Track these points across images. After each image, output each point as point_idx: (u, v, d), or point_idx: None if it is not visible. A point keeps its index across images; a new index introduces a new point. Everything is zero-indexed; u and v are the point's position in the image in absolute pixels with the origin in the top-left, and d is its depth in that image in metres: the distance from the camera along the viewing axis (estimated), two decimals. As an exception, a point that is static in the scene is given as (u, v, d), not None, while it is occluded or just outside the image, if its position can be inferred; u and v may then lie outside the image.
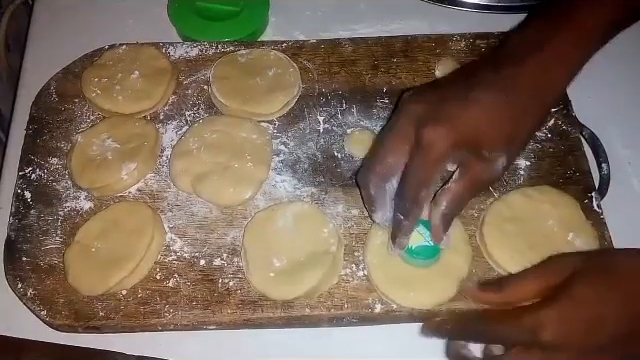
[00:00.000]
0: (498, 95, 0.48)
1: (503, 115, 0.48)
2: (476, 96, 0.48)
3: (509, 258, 0.56)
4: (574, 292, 0.44)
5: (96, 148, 0.63)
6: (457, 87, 0.49)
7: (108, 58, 0.69)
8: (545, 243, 0.57)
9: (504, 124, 0.48)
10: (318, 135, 0.66)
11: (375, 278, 0.56)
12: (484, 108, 0.48)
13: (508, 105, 0.48)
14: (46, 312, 0.56)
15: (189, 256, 0.59)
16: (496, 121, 0.48)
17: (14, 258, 0.58)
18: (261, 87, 0.66)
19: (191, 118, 0.67)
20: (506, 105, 0.48)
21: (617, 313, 0.43)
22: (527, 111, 0.49)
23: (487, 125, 0.48)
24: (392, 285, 0.56)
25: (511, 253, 0.56)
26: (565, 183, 0.62)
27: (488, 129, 0.48)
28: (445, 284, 0.56)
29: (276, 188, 0.63)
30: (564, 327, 0.43)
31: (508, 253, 0.57)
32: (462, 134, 0.47)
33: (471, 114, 0.48)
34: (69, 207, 0.61)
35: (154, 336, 0.57)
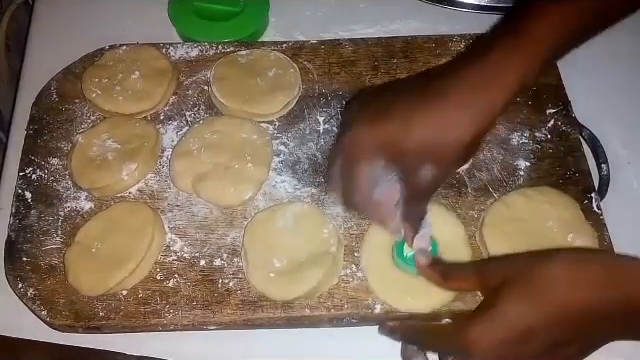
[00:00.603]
0: (423, 98, 0.47)
1: (425, 120, 0.47)
2: (400, 99, 0.48)
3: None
4: (500, 306, 0.44)
5: (96, 148, 0.63)
6: (387, 95, 0.50)
7: (108, 58, 0.69)
8: (545, 244, 0.57)
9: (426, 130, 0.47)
10: (318, 136, 0.66)
11: (373, 283, 0.56)
12: (405, 111, 0.47)
13: (431, 110, 0.47)
14: (46, 312, 0.56)
15: (189, 256, 0.59)
16: (416, 126, 0.47)
17: (14, 258, 0.58)
18: (261, 87, 0.67)
19: (191, 118, 0.67)
20: (429, 110, 0.47)
21: (541, 323, 0.43)
22: (455, 119, 0.47)
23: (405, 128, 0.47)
24: (390, 290, 0.56)
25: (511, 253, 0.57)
26: (565, 184, 0.62)
27: (407, 132, 0.47)
28: None
29: (276, 188, 0.63)
30: (493, 342, 0.44)
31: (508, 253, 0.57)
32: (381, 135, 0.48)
33: (390, 118, 0.48)
34: (69, 207, 0.61)
35: (154, 336, 0.57)
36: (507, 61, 0.48)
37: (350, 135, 0.50)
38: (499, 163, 0.64)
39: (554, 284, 0.43)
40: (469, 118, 0.47)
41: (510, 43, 0.48)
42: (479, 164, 0.63)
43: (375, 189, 0.51)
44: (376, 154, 0.49)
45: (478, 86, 0.47)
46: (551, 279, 0.43)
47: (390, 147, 0.48)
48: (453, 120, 0.47)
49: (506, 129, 0.65)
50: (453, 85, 0.48)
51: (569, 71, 0.69)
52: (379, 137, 0.49)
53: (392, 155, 0.49)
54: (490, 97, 0.47)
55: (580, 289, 0.43)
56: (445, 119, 0.47)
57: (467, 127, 0.47)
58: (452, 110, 0.47)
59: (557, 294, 0.43)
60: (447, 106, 0.47)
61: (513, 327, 0.44)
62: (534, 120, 0.66)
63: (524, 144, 0.65)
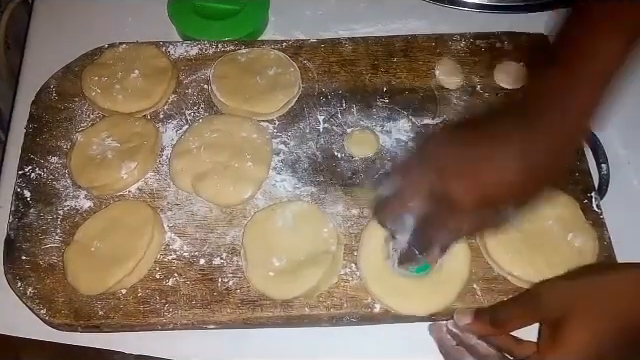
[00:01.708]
0: (521, 158, 0.47)
1: (526, 175, 0.47)
2: (504, 153, 0.47)
3: (508, 258, 0.57)
4: (568, 339, 0.45)
5: (96, 147, 0.63)
6: (483, 142, 0.48)
7: (108, 57, 0.69)
8: (545, 243, 0.57)
9: (527, 184, 0.47)
10: (318, 135, 0.66)
11: (372, 287, 0.56)
12: (510, 167, 0.47)
13: (531, 165, 0.47)
14: (46, 311, 0.56)
15: (189, 255, 0.59)
16: (520, 181, 0.47)
17: (14, 257, 0.58)
18: (261, 86, 0.66)
19: (191, 117, 0.67)
20: (530, 165, 0.47)
21: (611, 348, 0.45)
22: (548, 169, 0.48)
23: (511, 184, 0.47)
24: (390, 294, 0.56)
25: (511, 253, 0.57)
26: (565, 183, 0.62)
27: (511, 188, 0.47)
28: (445, 289, 0.56)
29: (276, 187, 0.63)
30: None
31: (508, 253, 0.57)
32: (486, 192, 0.47)
33: (497, 172, 0.47)
34: (69, 206, 0.61)
35: (153, 335, 0.57)
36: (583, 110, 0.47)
37: (455, 188, 0.46)
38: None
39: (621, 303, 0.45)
40: (560, 171, 0.50)
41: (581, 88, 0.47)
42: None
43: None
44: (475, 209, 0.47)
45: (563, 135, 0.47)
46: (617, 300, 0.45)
47: (489, 202, 0.47)
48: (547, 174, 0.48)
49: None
50: (538, 142, 0.47)
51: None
52: (481, 195, 0.47)
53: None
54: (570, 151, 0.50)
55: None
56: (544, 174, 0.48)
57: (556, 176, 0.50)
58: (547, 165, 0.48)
59: (620, 316, 0.45)
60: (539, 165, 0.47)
61: (582, 353, 0.45)
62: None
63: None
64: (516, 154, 0.46)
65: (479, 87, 0.68)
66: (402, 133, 0.66)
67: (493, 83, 0.68)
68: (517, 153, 0.46)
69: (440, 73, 0.69)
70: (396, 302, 0.56)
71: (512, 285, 0.57)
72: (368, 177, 0.63)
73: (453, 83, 0.68)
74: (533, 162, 0.46)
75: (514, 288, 0.57)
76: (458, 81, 0.69)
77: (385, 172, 0.61)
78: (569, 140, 0.48)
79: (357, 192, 0.62)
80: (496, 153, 0.47)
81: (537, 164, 0.46)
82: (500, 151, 0.47)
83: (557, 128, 0.47)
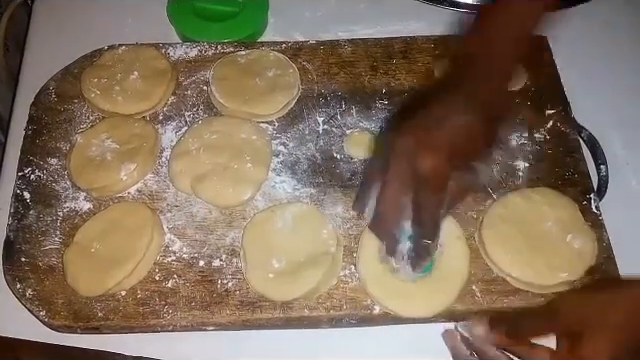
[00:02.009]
0: (468, 116, 0.50)
1: (475, 131, 0.50)
2: (451, 118, 0.50)
3: (508, 259, 0.57)
4: (586, 351, 0.47)
5: (95, 149, 0.63)
6: (431, 115, 0.50)
7: (107, 59, 0.69)
8: (544, 244, 0.57)
9: (478, 138, 0.50)
10: (317, 136, 0.66)
11: (371, 290, 0.56)
12: (461, 129, 0.49)
13: (476, 123, 0.50)
14: (45, 312, 0.56)
15: (188, 257, 0.59)
16: (472, 137, 0.50)
17: (13, 258, 0.58)
18: (260, 88, 0.67)
19: (190, 119, 0.67)
20: (475, 123, 0.50)
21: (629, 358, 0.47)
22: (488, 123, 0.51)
23: (468, 140, 0.49)
24: (389, 296, 0.56)
25: (510, 254, 0.57)
26: (564, 185, 0.62)
27: (469, 143, 0.50)
28: (445, 289, 0.56)
29: (275, 189, 0.63)
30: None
31: (507, 254, 0.57)
32: (452, 155, 0.49)
33: (453, 135, 0.49)
34: (68, 208, 0.61)
35: (153, 337, 0.57)
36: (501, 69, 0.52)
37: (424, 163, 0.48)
38: (498, 164, 0.64)
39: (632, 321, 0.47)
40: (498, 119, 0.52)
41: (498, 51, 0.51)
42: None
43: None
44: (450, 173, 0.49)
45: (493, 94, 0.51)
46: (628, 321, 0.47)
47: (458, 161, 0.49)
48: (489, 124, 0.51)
49: (505, 130, 0.65)
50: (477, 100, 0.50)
51: (568, 72, 0.69)
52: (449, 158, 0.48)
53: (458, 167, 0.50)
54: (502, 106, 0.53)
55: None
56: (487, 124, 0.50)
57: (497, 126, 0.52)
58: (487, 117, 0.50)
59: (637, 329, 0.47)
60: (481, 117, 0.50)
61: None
62: (533, 121, 0.66)
63: (523, 145, 0.65)
64: (461, 114, 0.49)
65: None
66: (401, 134, 0.66)
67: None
68: (462, 113, 0.49)
69: (439, 74, 0.69)
70: (396, 304, 0.56)
71: (511, 286, 0.57)
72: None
73: (452, 84, 0.68)
74: (469, 120, 0.49)
75: (513, 289, 0.57)
76: None
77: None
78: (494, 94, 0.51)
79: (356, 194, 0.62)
80: (446, 119, 0.49)
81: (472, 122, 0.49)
82: (448, 117, 0.49)
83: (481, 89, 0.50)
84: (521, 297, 0.57)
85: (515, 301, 0.57)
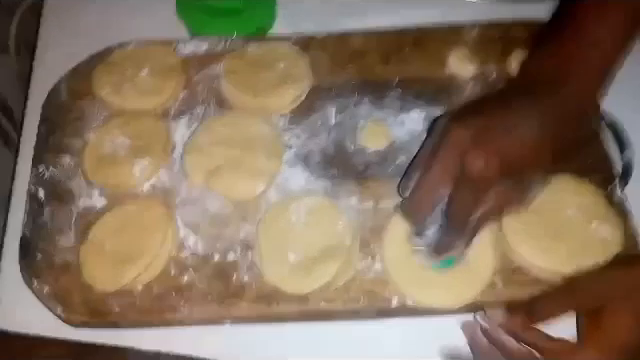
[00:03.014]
0: (539, 121, 0.47)
1: (544, 142, 0.47)
2: (519, 123, 0.47)
3: (529, 248, 0.55)
4: (612, 323, 0.45)
5: (108, 145, 0.63)
6: (498, 114, 0.48)
7: (118, 56, 0.69)
8: (567, 232, 0.56)
9: (546, 151, 0.48)
10: (330, 128, 0.65)
11: (395, 277, 0.56)
12: (527, 135, 0.47)
13: (548, 132, 0.47)
14: (62, 309, 0.56)
15: (203, 251, 0.58)
16: (539, 148, 0.47)
17: (29, 256, 0.58)
18: (271, 80, 0.66)
19: (202, 114, 0.66)
20: (546, 132, 0.47)
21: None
22: (566, 137, 0.49)
23: (530, 152, 0.47)
24: (413, 284, 0.55)
25: (532, 243, 0.55)
26: (586, 171, 0.60)
27: (531, 156, 0.47)
28: (472, 280, 0.55)
29: (289, 182, 0.62)
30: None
31: (529, 243, 0.56)
32: (507, 161, 0.47)
33: (515, 141, 0.47)
34: (83, 205, 0.61)
35: (170, 332, 0.56)
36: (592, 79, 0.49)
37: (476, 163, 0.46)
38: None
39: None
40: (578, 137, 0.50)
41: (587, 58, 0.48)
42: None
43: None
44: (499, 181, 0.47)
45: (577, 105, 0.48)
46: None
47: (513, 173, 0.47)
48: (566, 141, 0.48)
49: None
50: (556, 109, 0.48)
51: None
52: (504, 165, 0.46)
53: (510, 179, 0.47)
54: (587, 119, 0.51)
55: None
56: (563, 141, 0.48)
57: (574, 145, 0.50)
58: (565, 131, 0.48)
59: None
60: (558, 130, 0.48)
61: (625, 344, 0.45)
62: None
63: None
64: (532, 122, 0.46)
65: (493, 76, 0.67)
66: (415, 124, 0.65)
67: (507, 72, 0.67)
68: (532, 120, 0.46)
69: (453, 63, 0.68)
70: (420, 294, 0.55)
71: (533, 276, 0.56)
72: (382, 169, 0.62)
73: (466, 73, 0.67)
74: (548, 128, 0.46)
75: (535, 279, 0.56)
76: (471, 70, 0.68)
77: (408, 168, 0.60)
78: (583, 105, 0.49)
79: (371, 185, 0.61)
80: (511, 122, 0.47)
81: (552, 131, 0.46)
82: (515, 119, 0.47)
83: (570, 93, 0.47)
84: (543, 287, 0.55)
85: (537, 292, 0.55)
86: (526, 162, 0.47)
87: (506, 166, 0.46)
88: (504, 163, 0.46)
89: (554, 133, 0.47)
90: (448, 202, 0.49)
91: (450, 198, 0.48)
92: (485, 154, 0.46)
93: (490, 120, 0.47)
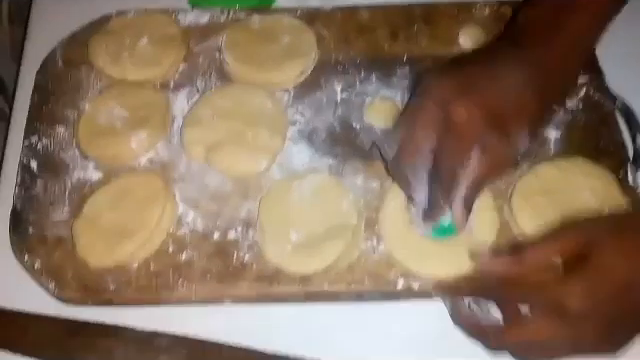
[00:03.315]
0: (524, 73, 0.47)
1: (529, 93, 0.47)
2: (503, 74, 0.47)
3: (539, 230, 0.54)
4: (600, 260, 0.43)
5: (104, 116, 0.60)
6: (482, 65, 0.48)
7: (116, 24, 0.67)
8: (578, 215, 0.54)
9: (531, 102, 0.47)
10: (336, 105, 0.63)
11: (394, 250, 0.54)
12: (512, 86, 0.46)
13: (534, 83, 0.46)
14: (54, 285, 0.54)
15: (202, 229, 0.56)
16: (524, 99, 0.47)
17: (21, 230, 0.56)
18: (276, 54, 0.64)
19: (202, 86, 0.64)
20: (532, 83, 0.46)
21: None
22: (551, 89, 0.48)
23: (515, 103, 0.46)
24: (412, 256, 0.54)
25: (542, 225, 0.54)
26: (598, 155, 0.59)
27: (516, 107, 0.46)
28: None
29: (292, 159, 0.60)
30: (591, 297, 0.42)
31: (539, 226, 0.54)
32: (492, 112, 0.46)
33: (500, 92, 0.46)
34: (77, 177, 0.59)
35: (167, 311, 0.54)
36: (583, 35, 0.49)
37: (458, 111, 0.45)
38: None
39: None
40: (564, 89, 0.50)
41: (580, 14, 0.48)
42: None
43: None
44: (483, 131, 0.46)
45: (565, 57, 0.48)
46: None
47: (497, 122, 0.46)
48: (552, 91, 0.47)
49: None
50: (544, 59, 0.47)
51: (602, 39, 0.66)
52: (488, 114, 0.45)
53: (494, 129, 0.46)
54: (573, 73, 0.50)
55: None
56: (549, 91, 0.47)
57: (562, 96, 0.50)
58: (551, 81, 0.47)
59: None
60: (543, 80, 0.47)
61: (614, 280, 0.42)
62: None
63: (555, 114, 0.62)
64: (516, 72, 0.46)
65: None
66: (424, 103, 0.63)
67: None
68: (517, 71, 0.46)
69: (464, 41, 0.66)
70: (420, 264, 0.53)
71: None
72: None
73: (477, 50, 0.65)
74: (534, 79, 0.46)
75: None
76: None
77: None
78: (569, 58, 0.48)
79: (377, 163, 0.59)
80: (495, 72, 0.46)
81: (538, 82, 0.46)
82: (499, 70, 0.46)
83: (557, 45, 0.47)
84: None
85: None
86: (510, 113, 0.46)
87: (490, 117, 0.45)
88: (488, 113, 0.45)
89: (539, 84, 0.46)
90: (434, 158, 0.48)
91: (435, 153, 0.47)
92: (468, 103, 0.45)
93: (473, 71, 0.47)
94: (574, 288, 0.43)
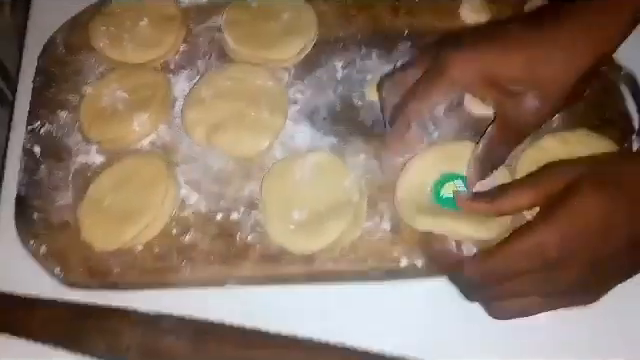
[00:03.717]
0: (533, 32, 0.46)
1: (535, 51, 0.46)
2: (508, 31, 0.47)
3: None
4: (576, 203, 0.41)
5: (106, 99, 0.60)
6: (485, 32, 0.48)
7: (115, 7, 0.66)
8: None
9: (537, 61, 0.46)
10: (337, 82, 0.62)
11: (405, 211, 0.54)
12: (515, 42, 0.46)
13: (542, 42, 0.45)
14: (60, 269, 0.54)
15: (205, 210, 0.56)
16: (528, 57, 0.46)
17: (25, 215, 0.57)
18: (275, 32, 0.63)
19: (203, 67, 0.64)
20: (540, 42, 0.45)
21: (623, 221, 0.40)
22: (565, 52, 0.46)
23: (517, 58, 0.46)
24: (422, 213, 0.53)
25: None
26: (602, 126, 0.58)
27: (516, 62, 0.46)
28: None
29: (294, 138, 0.60)
30: (568, 244, 0.41)
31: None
32: (486, 66, 0.46)
33: (499, 46, 0.46)
34: (80, 162, 0.59)
35: (172, 293, 0.55)
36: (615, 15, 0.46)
37: (448, 53, 0.46)
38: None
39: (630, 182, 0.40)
40: (581, 52, 0.46)
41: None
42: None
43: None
44: (473, 84, 0.47)
45: (592, 22, 0.46)
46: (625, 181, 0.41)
47: (490, 72, 0.46)
48: (563, 52, 0.46)
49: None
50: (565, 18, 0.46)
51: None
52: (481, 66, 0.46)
53: (490, 82, 0.46)
54: (605, 33, 0.46)
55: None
56: (555, 50, 0.46)
57: (578, 61, 0.46)
58: (563, 42, 0.46)
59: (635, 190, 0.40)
60: (559, 37, 0.46)
61: (591, 219, 0.40)
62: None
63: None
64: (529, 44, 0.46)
65: (508, 27, 0.64)
66: (426, 78, 0.62)
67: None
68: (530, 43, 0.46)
69: (466, 13, 0.65)
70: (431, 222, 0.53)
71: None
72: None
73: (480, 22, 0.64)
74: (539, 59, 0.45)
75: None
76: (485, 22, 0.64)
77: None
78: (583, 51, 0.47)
79: (379, 142, 0.59)
80: (508, 43, 0.46)
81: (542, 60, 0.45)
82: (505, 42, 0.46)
83: (574, 35, 0.46)
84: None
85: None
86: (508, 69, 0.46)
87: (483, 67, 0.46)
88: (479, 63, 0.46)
89: (543, 52, 0.45)
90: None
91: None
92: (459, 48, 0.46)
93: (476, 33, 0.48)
94: (551, 236, 0.41)
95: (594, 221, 0.41)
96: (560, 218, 0.41)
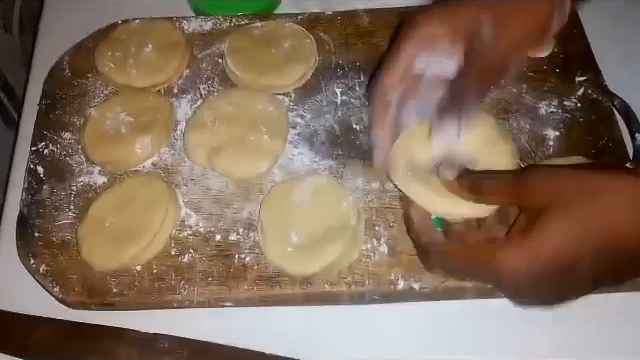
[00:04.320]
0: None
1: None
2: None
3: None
4: (544, 227, 0.40)
5: (110, 122, 0.61)
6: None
7: (121, 32, 0.68)
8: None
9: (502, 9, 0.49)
10: (335, 107, 0.64)
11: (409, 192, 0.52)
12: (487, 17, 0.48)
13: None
14: (59, 288, 0.54)
15: (204, 231, 0.57)
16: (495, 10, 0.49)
17: (26, 234, 0.57)
18: (277, 58, 0.64)
19: (206, 92, 0.65)
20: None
21: (590, 252, 0.39)
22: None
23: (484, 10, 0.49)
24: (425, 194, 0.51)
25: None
26: (597, 154, 0.59)
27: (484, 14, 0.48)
28: None
29: (293, 161, 0.61)
30: (532, 270, 0.40)
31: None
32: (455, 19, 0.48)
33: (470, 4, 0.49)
34: (82, 182, 0.60)
35: (170, 313, 0.55)
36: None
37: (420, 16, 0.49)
38: (527, 133, 0.61)
39: (612, 209, 0.39)
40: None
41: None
42: (505, 134, 0.61)
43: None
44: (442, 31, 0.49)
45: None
46: (609, 204, 0.39)
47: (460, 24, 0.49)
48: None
49: (533, 97, 0.63)
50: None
51: (598, 39, 0.66)
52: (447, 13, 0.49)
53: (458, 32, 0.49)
54: None
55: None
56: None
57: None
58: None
59: (614, 220, 0.39)
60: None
61: (557, 254, 0.39)
62: (563, 88, 0.63)
63: (553, 113, 0.62)
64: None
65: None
66: (424, 105, 0.63)
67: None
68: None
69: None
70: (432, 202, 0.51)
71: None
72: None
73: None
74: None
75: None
76: None
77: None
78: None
79: (377, 166, 0.60)
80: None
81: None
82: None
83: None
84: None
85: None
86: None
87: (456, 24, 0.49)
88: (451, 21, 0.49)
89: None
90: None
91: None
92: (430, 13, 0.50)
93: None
94: (512, 254, 0.41)
95: (560, 249, 0.40)
96: (522, 248, 0.41)
